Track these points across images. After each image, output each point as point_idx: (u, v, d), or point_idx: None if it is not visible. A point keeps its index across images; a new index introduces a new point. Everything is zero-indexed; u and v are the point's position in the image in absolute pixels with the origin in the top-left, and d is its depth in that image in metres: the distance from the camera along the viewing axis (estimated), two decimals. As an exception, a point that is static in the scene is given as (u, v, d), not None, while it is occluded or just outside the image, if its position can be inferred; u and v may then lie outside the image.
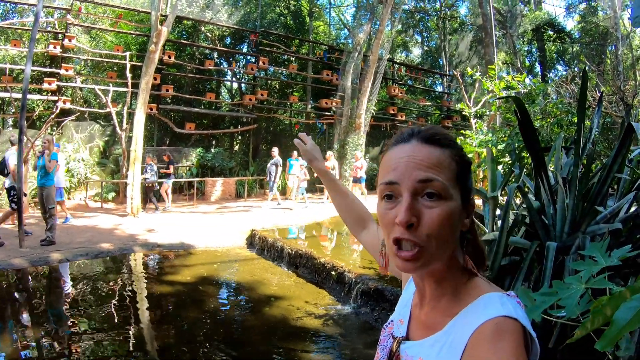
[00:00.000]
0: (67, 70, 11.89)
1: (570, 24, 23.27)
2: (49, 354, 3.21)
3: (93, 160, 12.56)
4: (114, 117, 11.72)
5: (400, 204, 0.61)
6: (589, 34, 20.23)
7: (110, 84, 12.06)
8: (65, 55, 12.31)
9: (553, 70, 22.26)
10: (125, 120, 11.81)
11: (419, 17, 22.18)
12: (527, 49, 22.89)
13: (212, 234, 7.33)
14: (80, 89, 14.10)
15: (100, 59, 13.27)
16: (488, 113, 10.30)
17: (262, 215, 9.21)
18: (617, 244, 2.09)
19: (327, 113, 15.73)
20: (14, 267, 5.31)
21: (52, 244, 6.19)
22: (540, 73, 21.21)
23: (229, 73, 17.56)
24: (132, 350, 3.33)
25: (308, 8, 18.75)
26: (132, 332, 3.68)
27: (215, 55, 17.03)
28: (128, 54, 12.57)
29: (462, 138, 6.64)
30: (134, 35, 14.06)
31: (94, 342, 3.41)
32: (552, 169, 3.10)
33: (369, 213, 1.09)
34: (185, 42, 15.60)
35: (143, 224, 8.21)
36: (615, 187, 2.83)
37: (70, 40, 11.92)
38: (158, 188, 10.67)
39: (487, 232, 2.89)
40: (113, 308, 4.21)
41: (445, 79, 20.75)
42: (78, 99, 14.32)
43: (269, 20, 17.09)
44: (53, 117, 11.70)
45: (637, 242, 2.30)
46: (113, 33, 14.19)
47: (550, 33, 21.42)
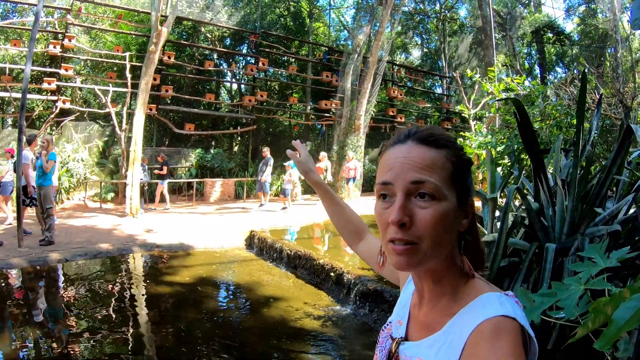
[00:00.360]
0: (66, 70, 11.88)
1: (570, 27, 23.34)
2: (48, 354, 3.21)
3: (92, 161, 12.54)
4: (114, 117, 11.72)
5: (394, 204, 0.62)
6: (589, 37, 20.26)
7: (110, 84, 12.06)
8: (65, 55, 12.30)
9: (552, 73, 22.29)
10: (125, 121, 11.82)
11: (419, 18, 22.22)
12: (526, 51, 22.94)
13: (211, 235, 7.33)
14: (80, 89, 14.09)
15: (100, 59, 13.26)
16: (487, 115, 10.33)
17: (260, 217, 9.21)
18: (616, 246, 2.10)
19: (326, 114, 15.74)
20: (13, 266, 5.30)
21: (50, 244, 6.18)
22: (540, 75, 21.26)
23: (229, 74, 17.57)
24: (130, 351, 3.32)
25: (308, 9, 18.79)
26: (130, 332, 3.67)
27: (215, 56, 17.04)
28: (128, 54, 12.57)
29: (461, 140, 6.64)
30: (134, 36, 14.06)
31: (93, 342, 3.40)
32: (551, 171, 3.10)
33: (365, 224, 1.09)
34: (185, 42, 15.60)
35: (142, 225, 8.20)
36: (614, 189, 2.83)
37: (70, 40, 11.92)
38: (147, 188, 10.68)
39: (486, 233, 2.89)
40: (112, 308, 4.20)
41: (445, 81, 20.79)
42: (78, 99, 14.30)
43: (269, 22, 17.11)
44: (52, 117, 11.73)
45: (635, 243, 2.31)
46: (113, 33, 14.18)
47: (550, 35, 21.47)
